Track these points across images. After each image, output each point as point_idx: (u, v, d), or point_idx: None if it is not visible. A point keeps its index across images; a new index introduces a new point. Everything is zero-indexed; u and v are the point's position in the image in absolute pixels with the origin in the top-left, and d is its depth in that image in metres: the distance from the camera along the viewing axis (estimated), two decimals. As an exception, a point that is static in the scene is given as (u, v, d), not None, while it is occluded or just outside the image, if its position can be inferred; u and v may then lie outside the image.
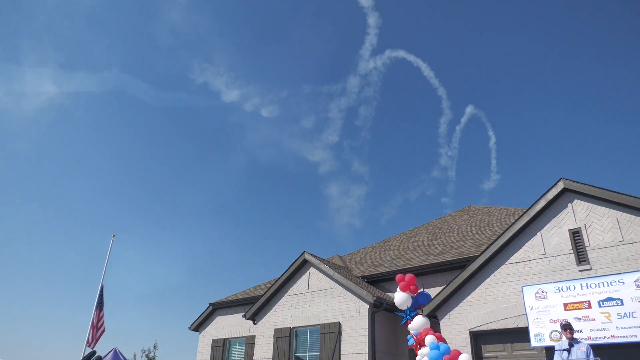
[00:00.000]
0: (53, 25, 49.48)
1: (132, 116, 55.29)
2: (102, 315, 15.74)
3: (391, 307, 11.24)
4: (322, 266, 12.42)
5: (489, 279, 9.68)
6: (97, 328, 16.04)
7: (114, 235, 17.52)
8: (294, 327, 12.37)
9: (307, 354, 11.88)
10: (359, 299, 11.30)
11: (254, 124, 53.29)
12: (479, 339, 9.51)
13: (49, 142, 52.23)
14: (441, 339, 9.62)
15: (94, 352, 14.34)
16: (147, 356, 16.59)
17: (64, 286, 49.85)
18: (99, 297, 16.02)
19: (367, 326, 10.88)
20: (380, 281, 13.04)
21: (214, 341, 15.74)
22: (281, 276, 13.24)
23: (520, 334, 8.88)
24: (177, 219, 57.73)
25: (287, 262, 13.18)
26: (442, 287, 10.77)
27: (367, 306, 11.10)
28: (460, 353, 8.93)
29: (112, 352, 22.11)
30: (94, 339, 16.09)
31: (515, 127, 49.35)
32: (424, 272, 11.99)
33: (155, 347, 17.73)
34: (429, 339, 9.54)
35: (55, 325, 44.92)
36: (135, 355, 17.63)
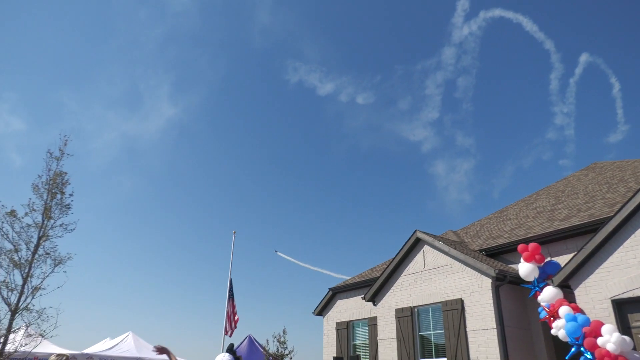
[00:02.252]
0: (163, 48, 54.36)
1: (240, 122, 58.86)
2: (235, 305, 17.07)
3: (516, 280, 10.63)
4: (436, 243, 12.14)
5: (628, 241, 8.65)
6: (233, 317, 17.53)
7: (234, 232, 18.89)
8: (414, 306, 12.31)
9: (432, 332, 11.75)
10: (479, 274, 10.86)
11: (351, 112, 53.51)
12: (623, 307, 8.58)
13: (173, 156, 57.78)
14: (578, 310, 8.86)
15: (232, 345, 15.71)
16: (278, 341, 17.70)
17: (198, 279, 55.16)
18: (229, 289, 17.45)
19: (491, 301, 10.43)
20: (501, 253, 12.38)
21: (337, 324, 16.28)
22: (395, 257, 13.21)
23: (676, 299, 7.85)
24: (288, 212, 60.45)
25: (399, 245, 13.09)
26: (572, 254, 9.90)
27: (489, 280, 10.62)
28: (602, 324, 8.14)
29: (247, 339, 23.95)
30: (231, 328, 17.62)
31: (641, 68, 43.18)
32: (549, 240, 11.12)
33: (284, 332, 18.85)
34: (564, 310, 8.83)
35: (194, 316, 49.97)
36: (267, 341, 18.94)
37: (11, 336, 11.63)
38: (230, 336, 17.48)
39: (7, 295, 11.36)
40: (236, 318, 17.72)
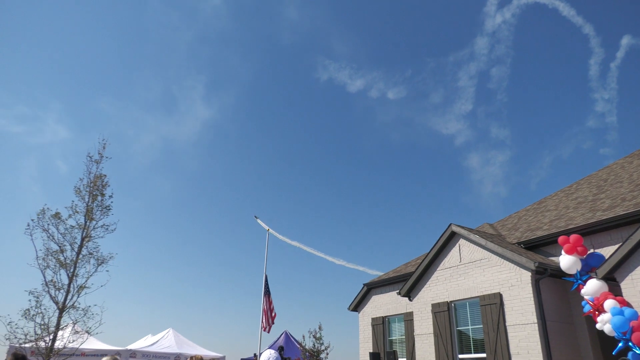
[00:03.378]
0: (195, 50, 55.47)
1: (271, 121, 59.47)
2: (271, 301, 17.25)
3: (557, 273, 10.29)
4: (472, 236, 11.90)
5: (678, 230, 8.23)
6: (270, 314, 17.72)
7: (268, 229, 19.07)
8: (451, 301, 12.11)
9: (470, 327, 11.54)
10: (518, 267, 10.58)
11: (381, 107, 53.11)
12: (674, 300, 8.18)
13: (209, 157, 59.01)
14: (624, 303, 8.50)
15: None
16: (314, 337, 17.81)
17: (236, 276, 56.14)
18: (265, 285, 17.66)
19: (531, 295, 10.13)
20: (540, 246, 12.01)
21: (373, 319, 16.22)
22: (430, 251, 13.03)
23: None
24: (323, 209, 60.64)
25: (433, 240, 12.91)
26: (617, 246, 9.49)
27: (529, 273, 10.33)
28: (652, 317, 7.79)
29: (283, 334, 24.15)
30: (268, 324, 17.84)
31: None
32: (592, 231, 10.71)
33: (320, 328, 18.92)
34: (610, 303, 8.50)
35: (233, 312, 50.88)
36: (304, 337, 19.07)
37: (59, 333, 12.18)
38: (268, 332, 17.69)
39: (55, 294, 11.89)
40: (273, 314, 17.91)
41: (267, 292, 17.18)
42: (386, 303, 15.95)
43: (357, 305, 17.35)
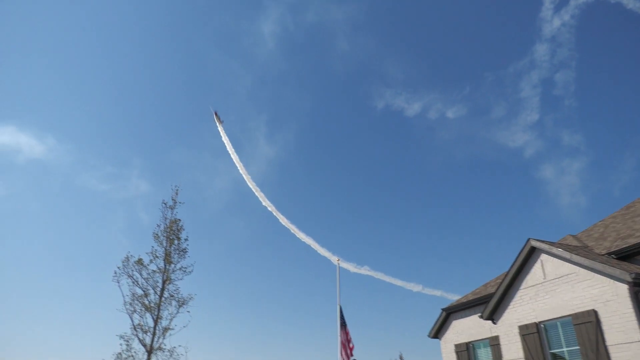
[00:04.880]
0: (254, 93, 58.13)
1: (331, 151, 60.27)
2: (348, 333, 17.02)
3: (659, 283, 9.30)
4: (555, 250, 11.11)
5: None
6: (348, 345, 17.43)
7: (338, 260, 19.01)
8: (540, 322, 11.27)
9: (564, 349, 10.63)
10: (612, 280, 9.68)
11: (441, 127, 52.27)
12: None
13: (277, 193, 60.65)
14: None
15: None
16: (396, 367, 17.22)
17: (310, 310, 56.09)
18: (340, 317, 17.46)
19: (632, 309, 9.20)
20: (635, 255, 10.95)
21: (456, 346, 15.43)
22: (510, 269, 12.31)
23: None
24: (391, 234, 59.68)
25: (511, 257, 12.23)
26: None
27: (626, 286, 9.41)
28: None
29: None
30: (347, 356, 17.50)
31: None
32: (695, 234, 9.63)
33: (401, 357, 18.25)
34: None
35: (310, 347, 50.59)
36: (385, 368, 18.48)
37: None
38: (347, 364, 17.29)
39: (143, 337, 12.51)
40: (351, 345, 17.56)
41: (343, 324, 16.97)
42: (468, 328, 15.15)
43: (438, 332, 16.61)
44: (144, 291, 12.94)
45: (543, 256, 11.58)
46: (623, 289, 9.43)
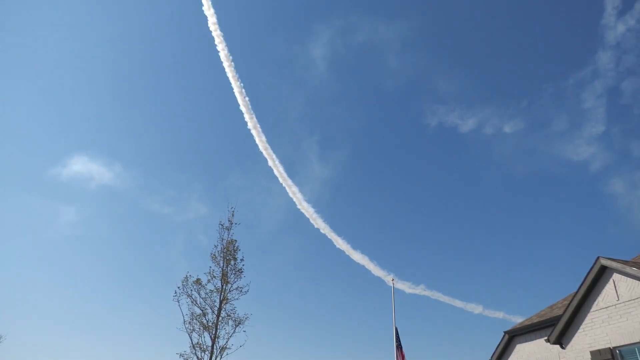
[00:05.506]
0: (306, 114, 59.21)
1: (384, 170, 59.99)
2: (404, 354, 16.55)
3: None
4: (629, 269, 10.35)
5: None
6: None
7: (393, 280, 18.67)
8: (614, 347, 10.46)
9: (645, 377, 9.78)
10: (697, 302, 8.87)
11: (498, 142, 50.75)
12: None
13: (331, 212, 60.79)
14: None
15: None
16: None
17: (364, 333, 55.15)
18: (396, 339, 17.06)
19: None
20: None
21: (521, 372, 14.58)
22: (578, 290, 11.57)
23: None
24: (448, 253, 58.04)
25: (579, 278, 11.51)
26: None
27: None
28: None
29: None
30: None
31: None
32: None
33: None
34: None
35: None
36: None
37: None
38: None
39: (201, 356, 12.78)
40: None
41: (399, 346, 16.54)
42: (534, 352, 14.30)
43: (500, 356, 15.79)
44: (202, 310, 13.27)
45: (615, 276, 10.81)
46: None
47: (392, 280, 17.91)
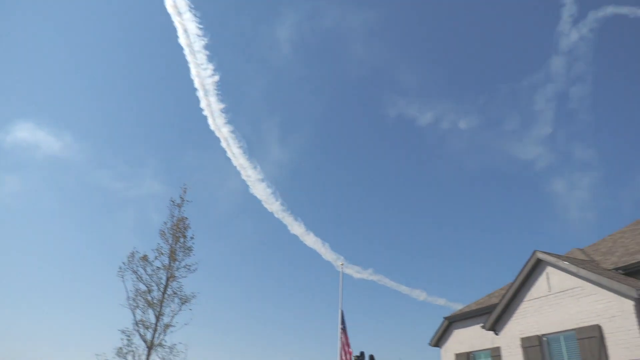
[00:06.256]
0: (268, 96, 58.41)
1: (342, 157, 60.44)
2: (347, 336, 16.94)
3: (666, 301, 9.20)
4: (561, 263, 11.03)
5: None
6: (347, 350, 17.36)
7: (342, 264, 18.96)
8: (542, 335, 11.18)
9: (567, 363, 10.54)
10: (618, 295, 9.59)
11: (453, 137, 52.19)
12: None
13: (286, 197, 60.75)
14: None
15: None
16: (395, 374, 17.13)
17: (311, 315, 56.04)
18: (341, 321, 17.40)
19: (637, 327, 9.10)
20: (642, 271, 10.86)
21: (457, 356, 15.34)
22: (515, 280, 12.23)
23: None
24: (398, 241, 59.61)
25: (517, 269, 12.15)
26: None
27: (632, 302, 9.32)
28: None
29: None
30: (347, 358, 17.43)
31: None
32: None
33: (401, 364, 18.16)
34: None
35: (311, 348, 50.51)
36: (384, 374, 18.39)
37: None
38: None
39: (144, 333, 12.55)
40: (350, 350, 17.50)
41: (344, 329, 16.91)
42: (470, 338, 15.06)
43: (439, 340, 16.52)
44: (147, 287, 12.98)
45: (549, 269, 11.50)
46: (629, 305, 9.34)
47: (341, 264, 18.18)
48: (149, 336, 12.54)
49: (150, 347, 12.45)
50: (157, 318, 12.78)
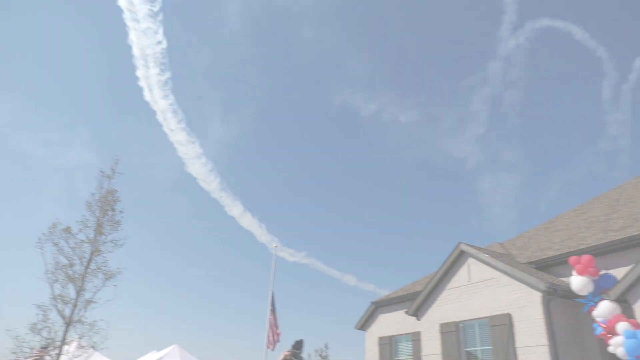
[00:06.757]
0: (212, 71, 56.38)
1: (286, 140, 59.99)
2: (276, 317, 17.10)
3: (568, 294, 10.11)
4: (482, 255, 11.77)
5: (692, 252, 8.09)
6: (275, 331, 17.53)
7: (275, 246, 19.00)
8: (459, 321, 11.93)
9: (478, 348, 11.33)
10: (528, 287, 10.42)
11: (394, 130, 53.49)
12: (690, 323, 7.99)
13: (226, 176, 59.41)
14: (638, 326, 8.33)
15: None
16: (320, 355, 17.59)
17: (243, 294, 55.89)
18: (271, 302, 17.51)
19: (542, 316, 9.96)
20: (551, 266, 11.84)
21: (380, 339, 16.00)
22: (439, 270, 12.90)
23: None
24: (333, 226, 60.59)
25: (443, 259, 12.80)
26: (630, 267, 9.33)
27: (539, 294, 10.16)
28: (667, 341, 7.61)
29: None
30: (273, 341, 17.63)
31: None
32: (604, 252, 10.54)
33: (326, 347, 18.70)
34: (623, 326, 8.32)
35: (239, 330, 50.51)
36: (310, 355, 18.82)
37: (65, 347, 12.14)
38: (273, 350, 17.43)
39: (62, 308, 11.89)
40: (278, 331, 17.70)
41: (273, 310, 17.03)
42: (394, 322, 15.75)
43: (364, 324, 17.14)
44: (69, 261, 12.26)
45: (470, 260, 12.23)
46: (537, 296, 10.18)
47: (275, 246, 18.22)
48: (67, 312, 11.91)
49: (68, 323, 11.83)
50: (78, 293, 12.15)
